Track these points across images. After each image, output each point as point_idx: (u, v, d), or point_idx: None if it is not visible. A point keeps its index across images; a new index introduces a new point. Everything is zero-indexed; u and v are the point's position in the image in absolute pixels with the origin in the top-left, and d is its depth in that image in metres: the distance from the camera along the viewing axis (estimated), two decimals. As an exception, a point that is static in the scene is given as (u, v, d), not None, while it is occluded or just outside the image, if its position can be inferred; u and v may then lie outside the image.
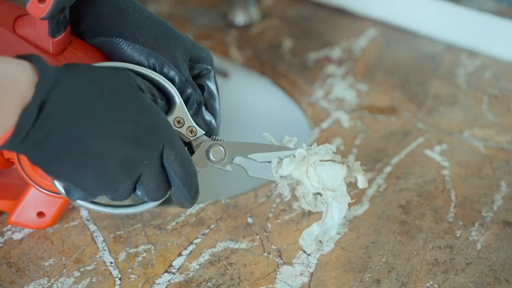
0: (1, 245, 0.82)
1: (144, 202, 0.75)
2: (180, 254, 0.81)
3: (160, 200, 0.73)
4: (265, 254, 0.81)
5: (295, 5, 1.26)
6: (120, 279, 0.78)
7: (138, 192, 0.72)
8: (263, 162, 0.77)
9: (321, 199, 0.78)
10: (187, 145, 0.75)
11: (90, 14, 0.75)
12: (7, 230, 0.83)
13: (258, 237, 0.83)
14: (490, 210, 0.87)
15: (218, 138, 0.77)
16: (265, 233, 0.84)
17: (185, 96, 0.75)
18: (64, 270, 0.79)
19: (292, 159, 0.76)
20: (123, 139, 0.67)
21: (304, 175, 0.76)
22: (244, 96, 1.21)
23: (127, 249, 0.81)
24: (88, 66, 0.69)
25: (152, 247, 0.82)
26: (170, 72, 0.75)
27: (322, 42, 1.17)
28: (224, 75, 1.19)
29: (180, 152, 0.70)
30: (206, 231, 0.84)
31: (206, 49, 0.79)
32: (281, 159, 0.76)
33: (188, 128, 0.75)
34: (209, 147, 0.76)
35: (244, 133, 1.20)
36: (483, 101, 1.05)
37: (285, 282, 0.78)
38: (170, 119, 0.74)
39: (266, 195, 0.89)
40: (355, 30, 1.19)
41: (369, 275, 0.79)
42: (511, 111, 1.03)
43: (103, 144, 0.67)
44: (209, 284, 0.78)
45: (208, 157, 0.76)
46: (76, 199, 0.72)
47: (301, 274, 0.79)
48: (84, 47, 0.75)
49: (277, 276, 0.79)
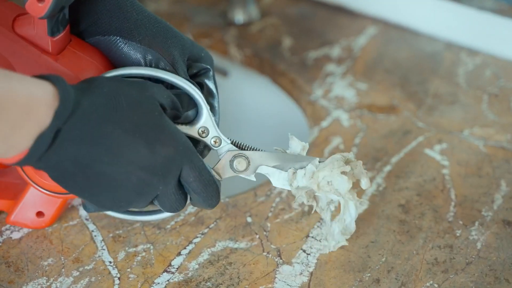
0: (0, 245, 0.81)
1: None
2: (179, 254, 0.81)
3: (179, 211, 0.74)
4: (265, 254, 0.81)
5: (295, 4, 1.26)
6: (119, 279, 0.78)
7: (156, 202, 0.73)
8: (286, 172, 0.77)
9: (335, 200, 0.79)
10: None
11: (89, 14, 0.75)
12: (6, 230, 0.83)
13: (258, 237, 0.83)
14: (490, 210, 0.87)
15: (240, 143, 0.77)
16: (265, 233, 0.84)
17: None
18: (63, 270, 0.79)
19: (306, 174, 0.77)
20: (138, 168, 0.68)
21: (316, 188, 0.76)
22: (244, 95, 1.21)
23: (126, 249, 0.81)
24: (112, 85, 0.68)
25: (151, 247, 0.82)
26: (166, 69, 0.75)
27: (322, 41, 1.17)
28: (224, 74, 1.19)
29: (200, 174, 0.71)
30: (206, 231, 0.84)
31: (206, 49, 0.79)
32: (296, 171, 0.76)
33: (213, 139, 0.75)
34: (233, 157, 0.76)
35: (244, 132, 1.20)
36: (483, 100, 1.05)
37: (285, 282, 0.78)
38: (196, 128, 0.75)
39: (266, 194, 0.89)
40: (355, 29, 1.19)
41: (369, 275, 0.79)
42: (511, 110, 1.03)
43: (117, 172, 0.67)
44: (208, 284, 0.78)
45: (232, 167, 0.76)
46: (91, 212, 0.75)
47: (301, 274, 0.79)
48: (84, 47, 0.75)
49: (277, 276, 0.79)
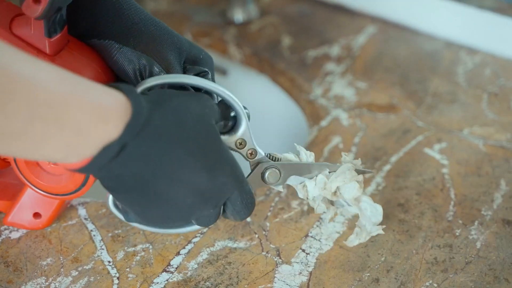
0: (-1, 245, 0.82)
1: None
2: (179, 253, 0.81)
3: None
4: (264, 253, 0.81)
5: (294, 3, 1.25)
6: (118, 278, 0.78)
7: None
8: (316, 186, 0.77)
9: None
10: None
11: (87, 16, 0.75)
12: (5, 229, 0.83)
13: (257, 236, 0.83)
14: (490, 209, 0.87)
15: (272, 155, 0.76)
16: (264, 232, 0.83)
17: None
18: (62, 269, 0.79)
19: (316, 185, 0.77)
20: (194, 192, 0.67)
21: (330, 196, 0.77)
22: (243, 94, 1.21)
23: (125, 248, 0.81)
24: (179, 100, 0.67)
25: (150, 246, 0.81)
26: (160, 74, 0.74)
27: (321, 40, 1.17)
28: (223, 73, 1.19)
29: (246, 198, 0.72)
30: (205, 230, 0.84)
31: (205, 51, 0.79)
32: (305, 184, 0.77)
33: (249, 150, 0.75)
34: (265, 169, 0.75)
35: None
36: (483, 99, 1.05)
37: (284, 282, 0.78)
38: (233, 140, 0.74)
39: (265, 194, 0.88)
40: (354, 28, 1.19)
41: (368, 274, 0.79)
42: (511, 109, 1.03)
43: (174, 193, 0.67)
44: (208, 284, 0.78)
45: (264, 179, 0.76)
46: (131, 222, 0.74)
47: (300, 273, 0.79)
48: (81, 48, 0.75)
49: (276, 275, 0.79)
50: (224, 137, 0.74)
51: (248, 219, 0.85)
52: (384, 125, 1.00)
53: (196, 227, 0.75)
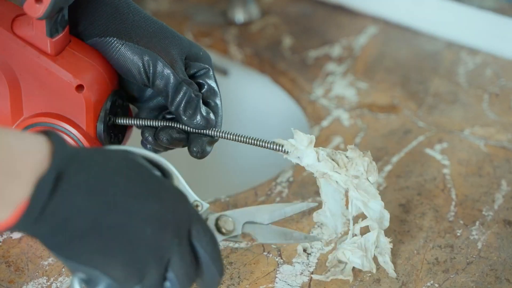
0: (0, 244, 0.81)
1: None
2: (180, 254, 0.81)
3: None
4: (265, 253, 0.81)
5: (295, 3, 1.25)
6: (120, 279, 0.78)
7: (167, 284, 0.62)
8: (269, 225, 0.72)
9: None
10: None
11: (87, 15, 0.75)
12: (6, 229, 0.83)
13: (258, 236, 0.83)
14: (491, 209, 0.87)
15: (277, 143, 0.74)
16: (265, 232, 0.83)
17: (182, 94, 0.75)
18: (63, 269, 0.79)
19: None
20: (151, 219, 0.60)
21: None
22: (244, 94, 1.21)
23: (127, 249, 0.81)
24: (98, 148, 0.64)
25: (152, 247, 0.81)
26: (165, 71, 0.75)
27: (322, 40, 1.17)
28: (224, 73, 1.19)
29: (207, 228, 0.64)
30: (206, 230, 0.83)
31: (204, 49, 0.79)
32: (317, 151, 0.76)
33: (194, 203, 0.68)
34: (217, 219, 0.69)
35: (244, 132, 1.20)
36: (484, 99, 1.05)
37: (285, 282, 0.78)
38: None
39: (266, 194, 0.89)
40: (355, 28, 1.19)
41: (369, 275, 0.79)
42: (512, 109, 1.03)
43: (130, 224, 0.59)
44: (209, 284, 0.78)
45: (219, 230, 0.69)
46: None
47: (301, 274, 0.79)
48: (83, 48, 0.75)
49: (277, 276, 0.79)
50: None
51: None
52: (385, 126, 1.00)
53: None
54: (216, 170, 1.22)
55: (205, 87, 0.77)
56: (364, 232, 0.77)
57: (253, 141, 0.76)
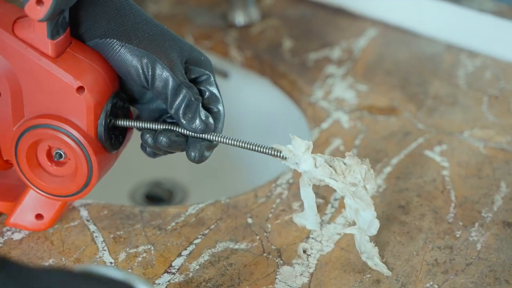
0: (1, 245, 0.82)
1: None
2: (180, 255, 0.81)
3: None
4: (265, 255, 0.81)
5: (295, 5, 1.26)
6: (120, 280, 0.78)
7: None
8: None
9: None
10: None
11: (88, 16, 0.75)
12: (7, 230, 0.83)
13: (258, 238, 0.83)
14: (490, 211, 0.87)
15: (276, 149, 0.75)
16: (265, 234, 0.84)
17: (181, 98, 0.75)
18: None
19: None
20: None
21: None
22: (244, 96, 1.22)
23: (127, 250, 0.81)
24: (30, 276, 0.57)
25: (152, 248, 0.82)
26: (163, 73, 0.74)
27: (322, 42, 1.17)
28: (224, 75, 1.20)
29: None
30: (206, 232, 0.84)
31: (205, 54, 0.79)
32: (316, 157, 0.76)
33: None
34: None
35: (244, 134, 1.20)
36: (483, 101, 1.05)
37: (285, 283, 0.78)
38: None
39: (266, 196, 0.89)
40: (355, 30, 1.20)
41: (369, 276, 0.79)
42: (511, 111, 1.03)
43: None
44: (209, 285, 0.78)
45: None
46: None
47: (301, 275, 0.79)
48: (84, 49, 0.75)
49: (277, 277, 0.79)
50: None
51: (250, 221, 0.85)
52: (385, 128, 1.00)
53: None
54: (217, 172, 1.22)
55: (207, 94, 0.77)
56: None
57: (252, 146, 0.76)
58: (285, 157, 0.76)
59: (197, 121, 0.75)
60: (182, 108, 0.74)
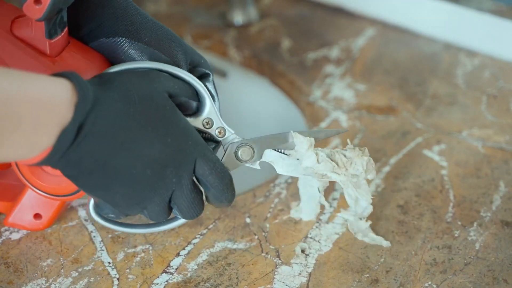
0: (-1, 246, 0.82)
1: (176, 219, 0.76)
2: (178, 254, 0.81)
3: (196, 217, 0.74)
4: (263, 254, 0.81)
5: (294, 5, 1.26)
6: (118, 279, 0.78)
7: (175, 211, 0.73)
8: (292, 159, 0.77)
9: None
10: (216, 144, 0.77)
11: (94, 18, 0.75)
12: (5, 230, 0.83)
13: (256, 237, 0.83)
14: (489, 210, 0.87)
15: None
16: (264, 233, 0.84)
17: None
18: (62, 270, 0.79)
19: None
20: (152, 161, 0.68)
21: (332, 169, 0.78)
22: (242, 96, 1.21)
23: (125, 249, 0.81)
24: (122, 79, 0.69)
25: (150, 247, 0.82)
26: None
27: (321, 42, 1.17)
28: (222, 75, 1.19)
29: (214, 165, 0.72)
30: (204, 231, 0.84)
31: (204, 57, 0.80)
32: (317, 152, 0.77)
33: (217, 129, 0.76)
34: (237, 148, 0.76)
35: (242, 133, 1.20)
36: (482, 101, 1.05)
37: (283, 282, 0.78)
38: (200, 120, 0.75)
39: (265, 195, 0.89)
40: (354, 30, 1.19)
41: (368, 275, 0.79)
42: (510, 111, 1.03)
43: (132, 166, 0.68)
44: (207, 284, 0.78)
45: (238, 158, 0.76)
46: (107, 214, 0.74)
47: (299, 274, 0.79)
48: (82, 49, 0.75)
49: (275, 276, 0.79)
50: (191, 119, 0.74)
51: (248, 220, 0.85)
52: (383, 127, 1.00)
53: (181, 222, 0.76)
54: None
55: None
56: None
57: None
58: (287, 154, 0.77)
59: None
60: None
